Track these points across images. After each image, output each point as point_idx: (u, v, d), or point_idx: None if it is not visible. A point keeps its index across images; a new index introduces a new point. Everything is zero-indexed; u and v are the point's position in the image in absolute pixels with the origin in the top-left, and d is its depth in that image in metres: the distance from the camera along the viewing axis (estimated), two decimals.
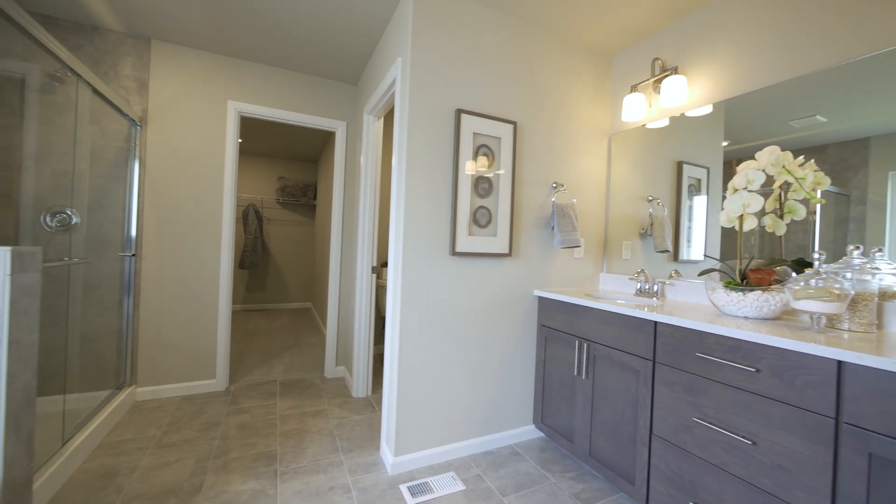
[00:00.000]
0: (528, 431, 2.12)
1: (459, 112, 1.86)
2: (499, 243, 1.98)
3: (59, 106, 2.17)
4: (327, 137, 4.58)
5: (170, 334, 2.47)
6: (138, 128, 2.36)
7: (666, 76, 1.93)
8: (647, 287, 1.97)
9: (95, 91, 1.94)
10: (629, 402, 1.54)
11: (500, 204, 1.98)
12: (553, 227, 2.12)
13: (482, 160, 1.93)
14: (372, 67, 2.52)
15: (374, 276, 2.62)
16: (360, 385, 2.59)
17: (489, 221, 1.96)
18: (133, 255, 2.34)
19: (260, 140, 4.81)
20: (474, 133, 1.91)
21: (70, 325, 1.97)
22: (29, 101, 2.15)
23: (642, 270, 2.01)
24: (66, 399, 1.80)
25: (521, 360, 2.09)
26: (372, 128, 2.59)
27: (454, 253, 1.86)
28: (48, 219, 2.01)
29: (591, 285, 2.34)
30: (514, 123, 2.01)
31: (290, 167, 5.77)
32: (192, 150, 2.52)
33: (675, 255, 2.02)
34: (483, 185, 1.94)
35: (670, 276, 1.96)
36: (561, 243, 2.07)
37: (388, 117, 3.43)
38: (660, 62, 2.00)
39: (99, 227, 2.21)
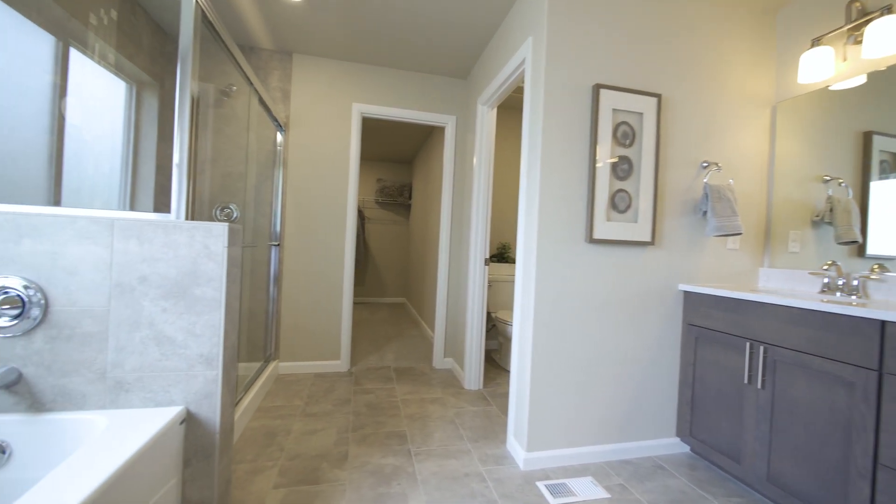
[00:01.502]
0: (671, 444, 1.88)
1: (598, 87, 1.72)
2: (640, 230, 1.79)
3: (226, 117, 2.53)
4: (425, 138, 4.73)
5: (304, 317, 2.73)
6: (283, 133, 2.65)
7: (871, 19, 1.55)
8: (841, 283, 1.60)
9: (261, 101, 2.21)
10: (836, 422, 1.25)
11: (642, 187, 1.79)
12: (705, 211, 1.86)
13: (622, 139, 1.77)
14: (487, 58, 2.50)
15: (487, 267, 2.59)
16: (471, 378, 2.58)
17: (629, 206, 1.79)
18: (277, 245, 2.64)
19: (362, 144, 5.15)
20: (613, 109, 1.76)
21: (241, 302, 2.28)
22: (204, 114, 2.54)
23: (833, 263, 1.65)
24: (237, 366, 2.08)
25: (662, 362, 1.87)
26: (486, 118, 2.56)
27: (591, 240, 1.73)
28: (217, 212, 2.35)
29: (749, 281, 2.00)
30: (658, 96, 1.80)
31: (388, 169, 6.09)
32: (323, 151, 2.76)
33: (862, 249, 1.63)
34: (622, 167, 1.78)
35: (872, 270, 1.57)
36: (716, 230, 1.80)
37: (500, 108, 3.39)
38: (858, 4, 1.62)
39: (254, 221, 2.53)
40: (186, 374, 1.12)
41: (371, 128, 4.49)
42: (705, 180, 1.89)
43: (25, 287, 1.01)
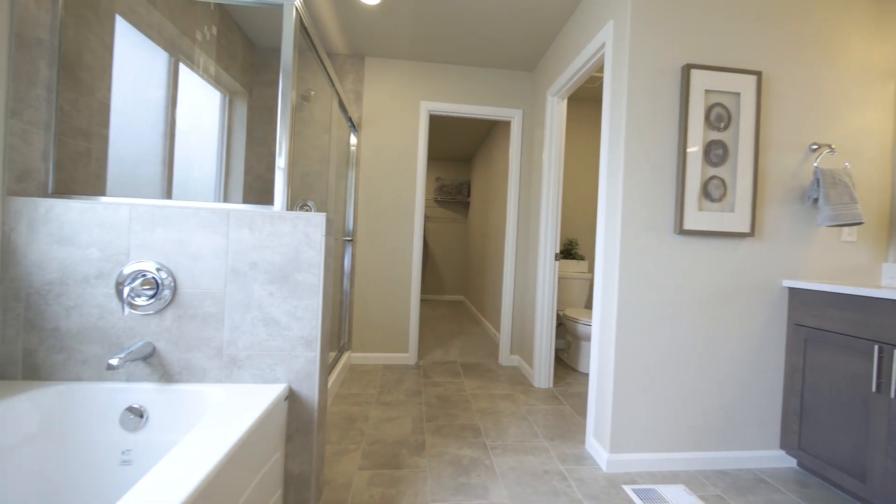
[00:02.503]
0: (774, 457, 1.69)
1: (688, 68, 1.60)
2: (737, 220, 1.64)
3: (305, 120, 2.69)
4: (486, 134, 4.71)
5: (373, 310, 2.83)
6: (355, 133, 2.77)
7: None
8: None
9: (340, 104, 2.33)
10: None
11: (739, 173, 1.64)
12: (815, 199, 1.65)
13: (715, 122, 1.63)
14: (557, 48, 2.43)
15: (557, 263, 2.51)
16: (541, 376, 2.51)
17: (724, 194, 1.64)
18: (351, 240, 2.76)
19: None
20: (706, 90, 1.62)
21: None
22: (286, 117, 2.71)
23: None
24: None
25: (763, 366, 1.69)
26: (556, 109, 2.49)
27: (681, 231, 1.60)
28: (297, 209, 2.50)
29: (871, 278, 1.75)
30: (758, 74, 1.63)
31: (446, 168, 6.15)
32: (393, 149, 2.84)
33: None
34: (716, 152, 1.63)
35: None
36: (831, 219, 1.59)
37: (569, 100, 3.28)
38: None
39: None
40: (289, 354, 1.20)
41: (432, 127, 4.57)
42: (816, 164, 1.68)
43: (158, 270, 1.14)
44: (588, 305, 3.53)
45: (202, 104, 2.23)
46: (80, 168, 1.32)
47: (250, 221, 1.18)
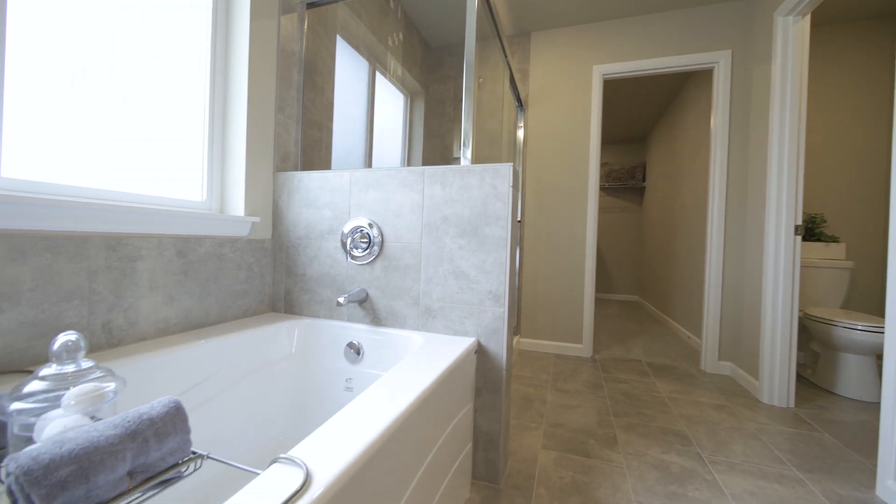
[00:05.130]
0: None
1: None
2: None
3: (474, 108, 2.78)
4: (667, 103, 4.00)
5: (543, 296, 2.70)
6: (522, 112, 2.72)
7: None
8: None
9: (512, 83, 2.32)
10: None
11: None
12: None
13: None
14: None
15: (798, 239, 1.86)
16: (773, 391, 1.89)
17: None
18: (519, 221, 2.71)
19: None
20: None
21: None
22: (456, 108, 2.87)
23: None
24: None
25: None
26: (792, 32, 1.86)
27: None
28: None
29: None
30: None
31: (614, 151, 5.52)
32: (562, 126, 2.67)
33: None
34: None
35: None
36: None
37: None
38: None
39: None
40: (478, 308, 1.19)
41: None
42: None
43: (370, 226, 1.30)
44: (847, 305, 2.54)
45: (391, 104, 2.55)
46: (315, 152, 1.64)
47: (442, 177, 1.22)
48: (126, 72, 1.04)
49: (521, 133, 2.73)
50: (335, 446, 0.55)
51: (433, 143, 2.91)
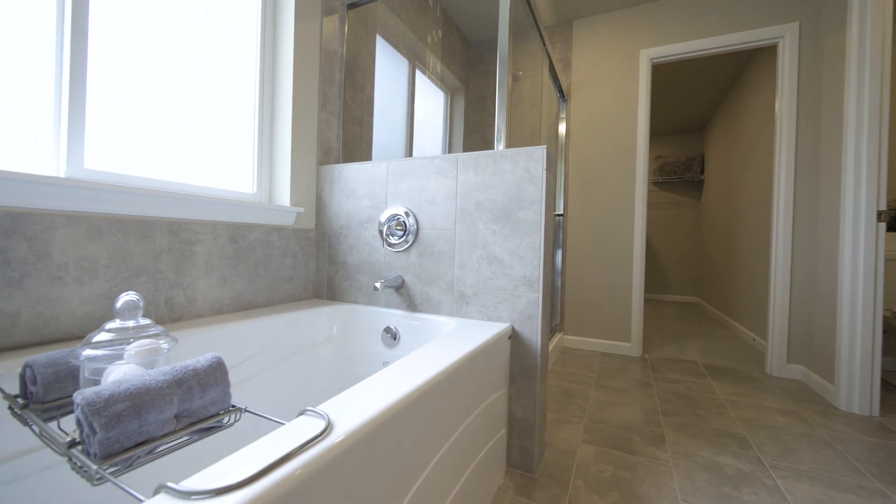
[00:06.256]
0: None
1: None
2: None
3: (514, 101, 2.75)
4: (727, 88, 3.69)
5: (589, 292, 2.59)
6: (564, 103, 2.65)
7: None
8: None
9: (552, 73, 2.27)
10: None
11: None
12: None
13: None
14: None
15: (882, 227, 1.64)
16: (852, 397, 1.68)
17: None
18: (561, 216, 2.63)
19: None
20: None
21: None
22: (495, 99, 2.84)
23: None
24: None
25: None
26: None
27: None
28: None
29: None
30: None
31: (668, 143, 5.18)
32: (606, 116, 2.56)
33: None
34: None
35: None
36: None
37: None
38: None
39: None
40: (511, 293, 1.17)
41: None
42: None
43: (406, 214, 1.33)
44: None
45: (431, 101, 2.59)
46: (357, 147, 1.71)
47: (475, 163, 1.22)
48: (186, 74, 1.15)
49: (563, 125, 2.66)
50: (357, 405, 0.57)
51: (474, 139, 2.91)
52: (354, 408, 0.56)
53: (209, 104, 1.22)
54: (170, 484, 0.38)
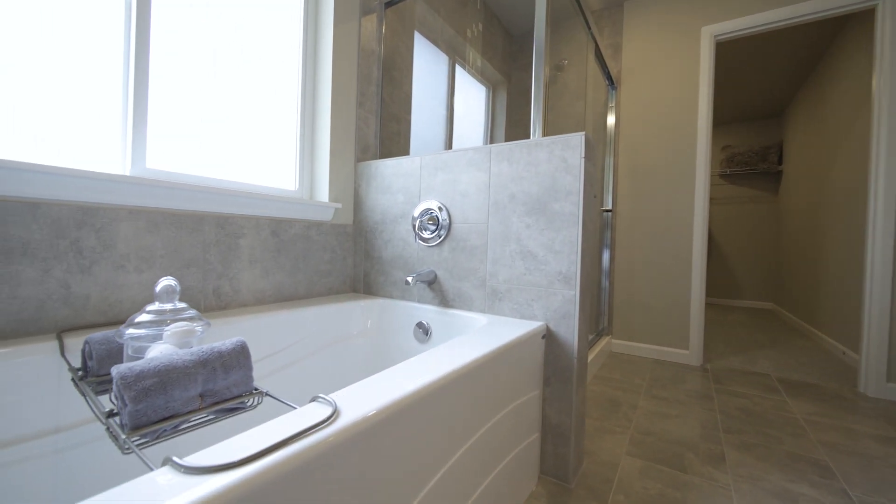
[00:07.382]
0: None
1: None
2: None
3: (558, 92, 2.64)
4: (813, 64, 3.24)
5: (641, 292, 2.41)
6: (614, 90, 2.49)
7: None
8: None
9: (598, 58, 2.14)
10: None
11: None
12: None
13: None
14: None
15: None
16: None
17: None
18: (610, 211, 2.47)
19: None
20: None
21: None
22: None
23: None
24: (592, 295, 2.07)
25: None
26: None
27: None
28: None
29: None
30: None
31: (737, 131, 4.68)
32: (661, 103, 2.36)
33: None
34: None
35: None
36: None
37: None
38: None
39: None
40: (546, 290, 1.11)
41: (720, 76, 3.59)
42: None
43: (439, 208, 1.31)
44: None
45: (471, 96, 2.56)
46: (394, 144, 1.73)
47: (509, 154, 1.18)
48: (234, 77, 1.23)
49: (612, 115, 2.50)
50: (369, 394, 0.56)
51: (516, 132, 2.84)
52: (365, 397, 0.55)
53: (256, 106, 1.30)
54: (175, 458, 0.39)
